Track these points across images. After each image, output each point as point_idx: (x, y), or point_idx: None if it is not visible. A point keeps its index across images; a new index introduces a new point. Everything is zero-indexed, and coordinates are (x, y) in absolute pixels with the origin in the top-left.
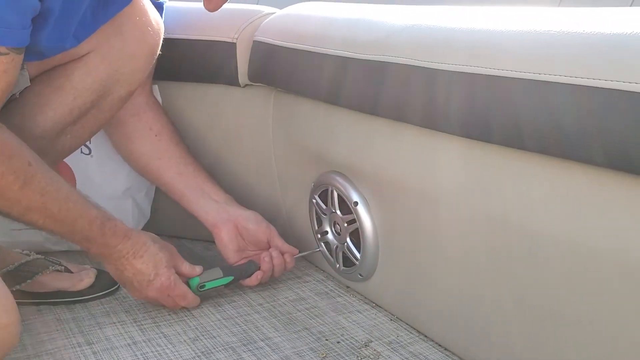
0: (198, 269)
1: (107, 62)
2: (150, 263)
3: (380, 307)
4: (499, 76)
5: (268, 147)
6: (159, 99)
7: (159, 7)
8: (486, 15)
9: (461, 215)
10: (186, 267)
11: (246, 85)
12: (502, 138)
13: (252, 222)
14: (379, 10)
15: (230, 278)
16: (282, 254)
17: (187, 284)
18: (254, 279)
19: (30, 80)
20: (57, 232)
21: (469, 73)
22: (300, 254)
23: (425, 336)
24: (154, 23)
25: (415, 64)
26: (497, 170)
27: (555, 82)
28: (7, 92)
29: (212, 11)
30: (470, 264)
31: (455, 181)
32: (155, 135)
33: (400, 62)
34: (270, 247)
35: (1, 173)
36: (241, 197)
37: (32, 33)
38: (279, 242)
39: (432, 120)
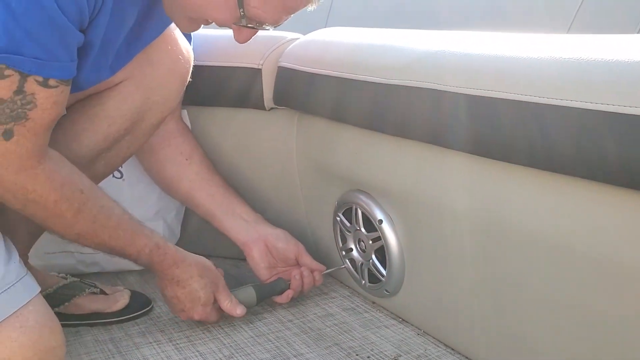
0: (239, 310)
1: (141, 90)
2: (188, 297)
3: (406, 322)
4: (524, 101)
5: (292, 167)
6: (188, 123)
7: (188, 36)
8: (505, 40)
9: (486, 231)
10: (227, 305)
11: (271, 108)
12: (526, 159)
13: (281, 241)
14: (398, 35)
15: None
16: (312, 271)
17: None
18: (284, 297)
19: (65, 109)
20: (109, 253)
21: (494, 98)
22: (327, 271)
23: (453, 349)
24: (184, 52)
25: (440, 89)
26: (520, 188)
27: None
28: (55, 122)
29: (241, 43)
30: (496, 278)
31: (478, 198)
32: (186, 159)
33: (426, 87)
34: (298, 263)
35: (54, 201)
36: (268, 215)
37: None
38: (307, 259)
39: (457, 142)
